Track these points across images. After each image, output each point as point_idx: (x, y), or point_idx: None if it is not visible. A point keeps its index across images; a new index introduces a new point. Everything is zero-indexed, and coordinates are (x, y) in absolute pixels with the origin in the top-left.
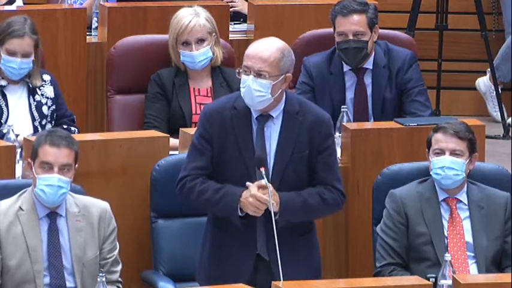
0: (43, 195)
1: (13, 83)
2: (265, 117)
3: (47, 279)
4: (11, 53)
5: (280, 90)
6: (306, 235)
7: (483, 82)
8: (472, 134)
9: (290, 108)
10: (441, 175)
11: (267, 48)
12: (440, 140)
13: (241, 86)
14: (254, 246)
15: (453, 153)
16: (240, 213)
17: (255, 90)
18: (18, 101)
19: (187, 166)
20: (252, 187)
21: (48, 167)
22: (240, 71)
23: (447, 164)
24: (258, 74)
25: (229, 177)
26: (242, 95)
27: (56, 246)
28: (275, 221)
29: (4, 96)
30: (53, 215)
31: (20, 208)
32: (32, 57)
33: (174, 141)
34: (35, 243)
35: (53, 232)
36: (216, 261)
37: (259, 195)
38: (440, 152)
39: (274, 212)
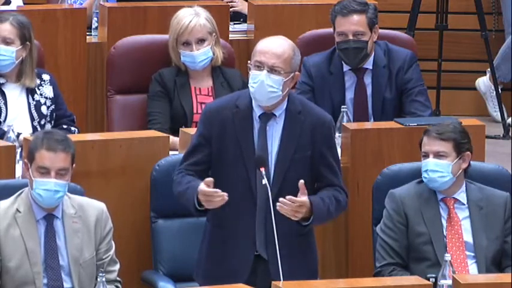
0: (40, 198)
1: (10, 80)
2: (268, 115)
3: (44, 281)
4: None
5: (288, 89)
6: (304, 235)
7: (483, 82)
8: (460, 133)
9: (292, 107)
10: (427, 178)
11: (280, 44)
12: (425, 143)
13: (251, 81)
14: (253, 245)
15: (437, 155)
16: (198, 207)
17: (268, 86)
18: (17, 100)
19: (182, 161)
20: (202, 184)
21: (45, 171)
22: (250, 66)
23: (430, 167)
24: (272, 70)
25: (228, 176)
26: (253, 90)
27: (53, 248)
28: (303, 226)
29: (3, 94)
30: (49, 217)
31: (18, 210)
32: (15, 48)
33: (174, 140)
34: (33, 245)
35: (50, 234)
36: (214, 260)
37: (203, 190)
38: (426, 155)
39: (304, 218)
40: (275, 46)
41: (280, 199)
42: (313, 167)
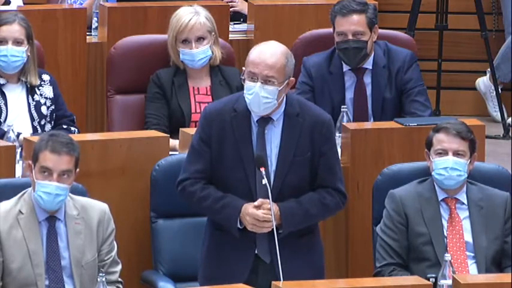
0: (41, 201)
1: (11, 80)
2: (265, 120)
3: (46, 282)
4: (2, 41)
5: (283, 95)
6: (308, 236)
7: (483, 82)
8: (473, 134)
9: (291, 110)
10: (444, 176)
11: (272, 53)
12: (443, 140)
13: (246, 92)
14: (253, 247)
15: (456, 153)
16: (239, 226)
17: (262, 97)
18: (17, 100)
19: (187, 168)
20: (250, 205)
21: (47, 172)
22: (243, 77)
23: (451, 165)
24: (266, 81)
25: (227, 179)
26: (248, 102)
27: (55, 251)
28: (277, 234)
29: (3, 95)
30: (52, 219)
31: (20, 212)
32: (25, 48)
33: (173, 142)
34: (36, 247)
35: (52, 236)
36: (213, 261)
37: (255, 213)
38: (443, 153)
39: (275, 226)
40: (267, 56)
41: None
42: (313, 167)
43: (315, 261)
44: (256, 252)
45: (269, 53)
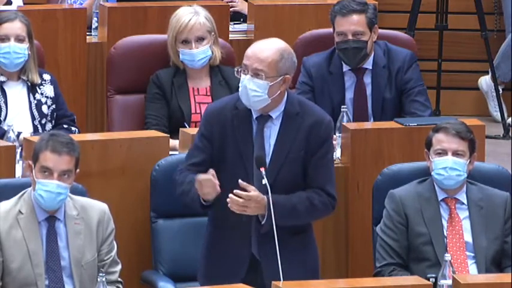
0: (41, 200)
1: (12, 78)
2: (264, 117)
3: (46, 282)
4: (4, 38)
5: (278, 92)
6: (300, 234)
7: (485, 81)
8: (472, 134)
9: (290, 109)
10: (444, 176)
11: (266, 48)
12: (442, 140)
13: (239, 84)
14: (249, 246)
15: (455, 153)
16: (203, 202)
17: (250, 90)
18: (17, 99)
19: (184, 161)
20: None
21: (48, 172)
22: (239, 69)
23: (450, 165)
24: (255, 74)
25: (228, 177)
26: (239, 94)
27: (54, 251)
28: (261, 224)
29: (3, 93)
30: (51, 219)
31: (20, 212)
32: (26, 45)
33: (173, 142)
34: (36, 247)
35: (51, 237)
36: (212, 261)
37: (199, 177)
38: (442, 153)
39: (261, 216)
40: (260, 50)
41: (230, 195)
42: (305, 165)
43: (309, 259)
44: (252, 251)
45: (264, 47)
